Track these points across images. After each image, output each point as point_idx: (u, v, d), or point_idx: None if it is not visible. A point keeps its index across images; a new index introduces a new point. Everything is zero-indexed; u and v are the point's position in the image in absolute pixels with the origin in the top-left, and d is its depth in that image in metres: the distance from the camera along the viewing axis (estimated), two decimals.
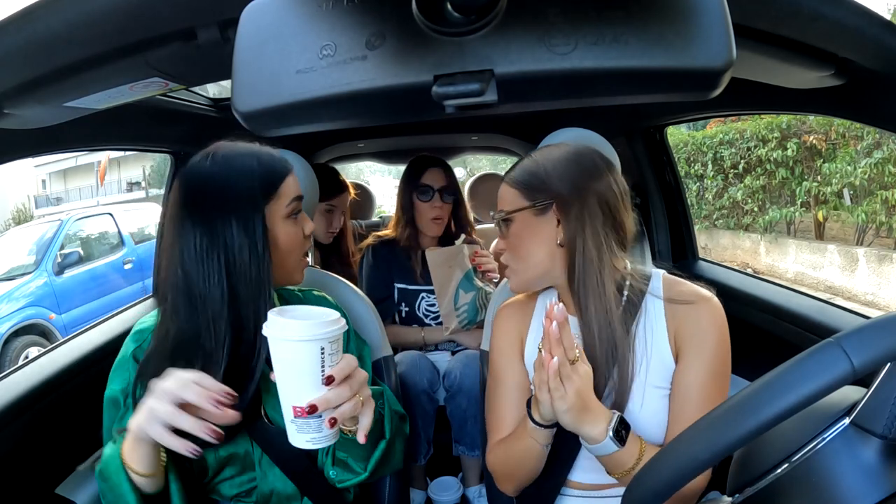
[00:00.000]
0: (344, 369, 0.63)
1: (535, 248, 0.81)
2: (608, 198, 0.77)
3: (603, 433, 0.68)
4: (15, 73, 0.59)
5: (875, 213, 4.69)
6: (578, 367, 0.66)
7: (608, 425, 0.68)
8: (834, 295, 4.90)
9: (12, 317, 4.43)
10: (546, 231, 0.80)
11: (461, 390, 1.45)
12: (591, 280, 0.76)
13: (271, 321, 0.62)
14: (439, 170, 1.66)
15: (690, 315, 0.77)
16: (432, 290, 1.65)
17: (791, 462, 0.45)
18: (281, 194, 0.77)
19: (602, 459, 0.71)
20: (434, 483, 1.62)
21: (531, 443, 0.75)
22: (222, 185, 0.73)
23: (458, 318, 1.57)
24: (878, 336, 0.38)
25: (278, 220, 0.77)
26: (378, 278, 1.66)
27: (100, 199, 14.36)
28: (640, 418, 0.77)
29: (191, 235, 0.71)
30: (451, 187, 1.66)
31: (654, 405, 0.77)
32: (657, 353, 0.78)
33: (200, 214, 0.72)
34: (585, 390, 0.67)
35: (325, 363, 0.62)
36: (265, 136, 0.44)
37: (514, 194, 0.83)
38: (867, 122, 0.80)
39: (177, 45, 0.57)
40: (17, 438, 0.92)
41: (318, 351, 0.61)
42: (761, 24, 0.56)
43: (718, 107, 1.29)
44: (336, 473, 0.81)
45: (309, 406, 0.61)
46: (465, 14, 0.35)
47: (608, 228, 0.78)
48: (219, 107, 1.34)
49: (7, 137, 0.78)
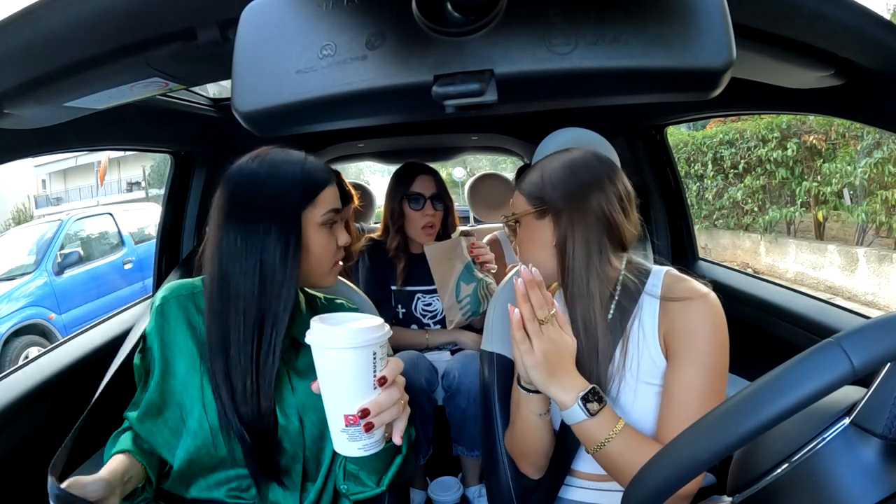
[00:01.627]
0: (395, 370, 0.65)
1: (536, 249, 0.87)
2: (604, 205, 0.81)
3: (572, 399, 0.73)
4: (15, 73, 0.59)
5: (875, 213, 4.69)
6: (548, 329, 0.72)
7: (578, 392, 0.73)
8: (834, 295, 4.89)
9: (12, 317, 4.42)
10: (544, 234, 0.85)
11: (460, 391, 1.45)
12: (578, 282, 0.81)
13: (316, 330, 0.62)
14: (429, 177, 1.64)
15: (682, 312, 0.78)
16: (427, 291, 1.65)
17: (791, 462, 0.45)
18: (318, 203, 0.80)
19: (575, 430, 0.75)
20: (434, 483, 1.62)
21: (526, 412, 0.81)
22: (265, 189, 0.77)
23: (462, 311, 1.57)
24: (878, 336, 0.38)
25: (313, 227, 0.80)
26: (374, 281, 1.65)
27: (100, 199, 14.36)
28: (632, 413, 0.79)
29: (233, 233, 0.76)
30: (441, 195, 1.64)
31: (645, 401, 0.79)
32: (647, 350, 0.80)
33: (243, 214, 0.76)
34: (555, 353, 0.72)
35: (375, 367, 0.62)
36: (265, 136, 0.44)
37: (521, 200, 0.88)
38: (867, 122, 0.80)
39: (177, 45, 0.57)
40: (18, 438, 0.92)
41: (371, 356, 0.61)
42: (761, 24, 0.56)
43: (718, 107, 1.29)
44: (348, 488, 0.82)
45: (361, 411, 0.61)
46: (465, 14, 0.35)
47: (601, 234, 0.81)
48: (219, 107, 1.34)
49: (7, 137, 0.78)
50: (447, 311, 1.59)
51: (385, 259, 1.66)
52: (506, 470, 0.96)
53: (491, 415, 1.00)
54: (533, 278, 0.73)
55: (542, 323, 0.72)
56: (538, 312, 0.72)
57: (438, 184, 1.64)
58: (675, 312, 0.78)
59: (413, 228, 1.62)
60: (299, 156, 0.82)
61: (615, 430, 0.73)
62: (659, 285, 0.82)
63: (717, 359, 0.75)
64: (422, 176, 1.63)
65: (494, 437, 0.98)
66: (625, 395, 0.80)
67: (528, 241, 0.88)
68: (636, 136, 1.64)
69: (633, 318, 0.81)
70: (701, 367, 0.75)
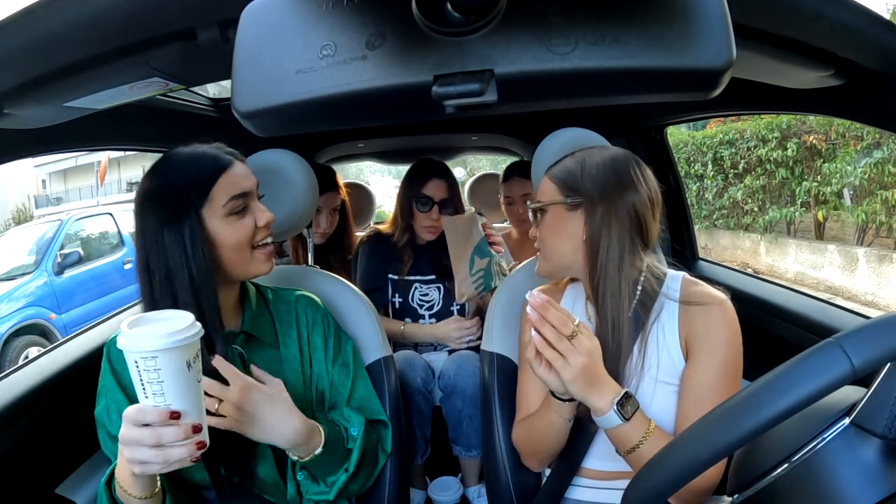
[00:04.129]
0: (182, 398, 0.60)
1: (562, 241, 0.86)
2: (637, 206, 0.82)
3: (608, 405, 0.72)
4: (15, 73, 0.59)
5: (875, 213, 4.69)
6: (581, 342, 0.70)
7: (614, 398, 0.72)
8: (834, 295, 4.89)
9: (12, 317, 4.42)
10: (573, 227, 0.84)
11: (455, 391, 1.45)
12: (611, 279, 0.81)
13: (122, 335, 0.58)
14: (442, 182, 1.63)
15: (703, 317, 0.80)
16: (425, 281, 1.66)
17: (791, 462, 0.45)
18: (213, 196, 0.76)
19: (609, 434, 0.75)
20: (434, 483, 1.62)
21: (554, 417, 0.80)
22: (157, 198, 0.75)
23: (475, 284, 1.54)
24: (878, 336, 0.38)
25: (216, 221, 0.76)
26: (372, 269, 1.67)
27: (100, 199, 14.34)
28: (650, 411, 0.80)
29: (140, 250, 0.75)
30: (451, 200, 1.63)
31: (663, 400, 0.81)
32: (667, 351, 0.82)
33: (141, 230, 0.75)
34: (591, 363, 0.71)
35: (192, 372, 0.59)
36: (265, 136, 0.44)
37: (551, 188, 0.87)
38: (867, 122, 0.80)
39: (177, 45, 0.57)
40: (18, 438, 0.92)
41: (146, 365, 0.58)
42: (761, 24, 0.56)
43: (718, 107, 1.29)
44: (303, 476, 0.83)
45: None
46: (465, 14, 0.35)
47: (634, 234, 0.83)
48: (219, 107, 1.34)
49: (7, 137, 0.78)
50: (459, 283, 1.55)
51: (386, 250, 1.67)
52: (506, 470, 0.96)
53: (491, 415, 1.00)
54: (543, 303, 0.71)
55: (572, 337, 0.70)
56: (563, 329, 0.70)
57: (451, 188, 1.64)
58: (696, 317, 0.81)
59: (418, 227, 1.64)
60: (195, 151, 0.78)
61: (648, 431, 0.73)
62: (677, 289, 0.85)
63: (735, 360, 0.78)
64: (434, 179, 1.62)
65: (494, 438, 0.98)
66: (642, 394, 0.81)
67: (554, 231, 0.87)
68: (636, 136, 1.64)
69: (653, 319, 0.83)
70: (720, 368, 0.77)
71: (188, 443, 0.60)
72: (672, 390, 0.81)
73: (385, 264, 1.68)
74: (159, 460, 0.59)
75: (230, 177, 0.77)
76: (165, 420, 0.58)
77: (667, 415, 0.80)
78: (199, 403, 0.62)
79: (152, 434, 0.59)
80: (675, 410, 0.81)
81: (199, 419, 0.61)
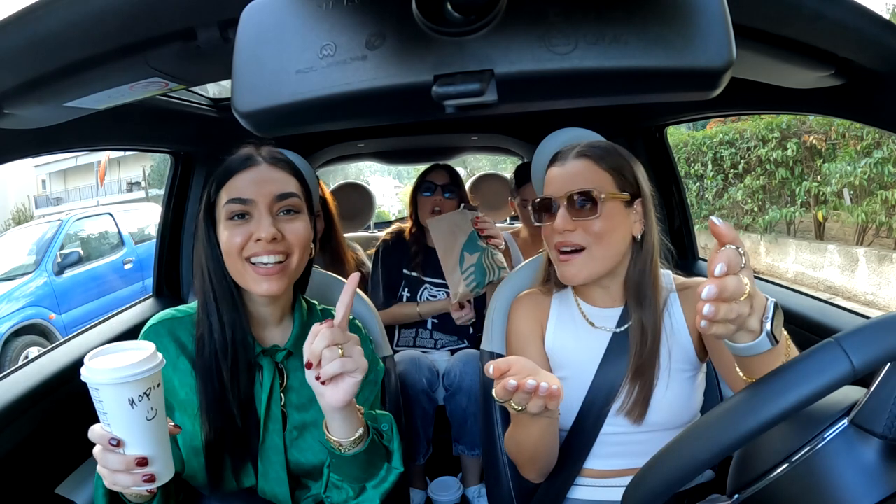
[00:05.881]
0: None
1: (618, 239, 0.83)
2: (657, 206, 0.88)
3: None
4: (15, 73, 0.59)
5: (875, 213, 4.69)
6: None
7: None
8: (834, 295, 4.89)
9: (12, 317, 4.42)
10: (628, 223, 0.84)
11: (461, 389, 1.45)
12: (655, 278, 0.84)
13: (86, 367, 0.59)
14: (443, 171, 1.75)
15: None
16: (435, 284, 1.68)
17: (791, 462, 0.45)
18: (220, 197, 0.79)
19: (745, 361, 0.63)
20: (434, 483, 1.62)
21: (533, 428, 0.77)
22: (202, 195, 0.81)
23: (466, 282, 1.51)
24: (878, 336, 0.39)
25: (220, 223, 0.79)
26: (392, 264, 1.75)
27: (100, 199, 14.36)
28: (665, 399, 0.82)
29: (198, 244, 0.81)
30: (452, 185, 1.72)
31: (678, 387, 0.83)
32: (678, 339, 0.85)
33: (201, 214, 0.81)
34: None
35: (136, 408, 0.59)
36: (265, 136, 0.44)
37: (604, 177, 0.82)
38: (867, 122, 0.80)
39: (177, 45, 0.57)
40: (18, 438, 0.92)
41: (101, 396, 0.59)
42: (761, 24, 0.56)
43: (718, 107, 1.29)
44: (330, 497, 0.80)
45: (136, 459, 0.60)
46: (465, 14, 0.35)
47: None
48: (219, 107, 1.34)
49: (7, 137, 0.78)
50: (452, 284, 1.55)
51: (402, 246, 1.76)
52: (506, 469, 0.96)
53: (491, 415, 1.00)
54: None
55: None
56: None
57: (451, 175, 1.74)
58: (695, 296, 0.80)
59: (423, 214, 1.70)
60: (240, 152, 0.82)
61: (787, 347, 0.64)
62: (672, 282, 0.90)
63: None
64: (437, 169, 1.76)
65: (494, 437, 0.98)
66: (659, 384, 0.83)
67: (612, 227, 0.81)
68: (636, 136, 1.64)
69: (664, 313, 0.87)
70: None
71: (133, 473, 0.60)
72: (686, 377, 0.84)
73: (401, 261, 1.75)
74: (108, 480, 0.61)
75: (237, 180, 0.78)
76: (106, 445, 0.60)
77: (683, 400, 0.83)
78: (149, 437, 0.61)
79: (100, 455, 0.61)
80: (690, 396, 0.83)
81: (145, 452, 0.60)
